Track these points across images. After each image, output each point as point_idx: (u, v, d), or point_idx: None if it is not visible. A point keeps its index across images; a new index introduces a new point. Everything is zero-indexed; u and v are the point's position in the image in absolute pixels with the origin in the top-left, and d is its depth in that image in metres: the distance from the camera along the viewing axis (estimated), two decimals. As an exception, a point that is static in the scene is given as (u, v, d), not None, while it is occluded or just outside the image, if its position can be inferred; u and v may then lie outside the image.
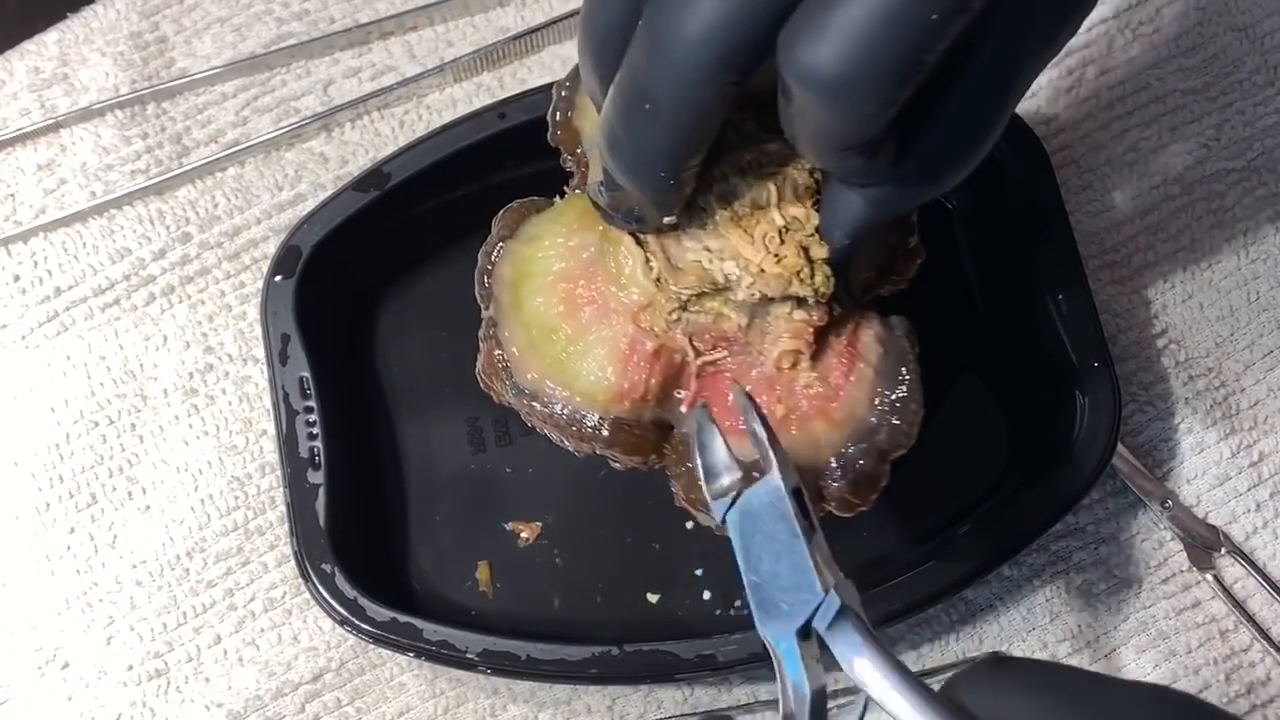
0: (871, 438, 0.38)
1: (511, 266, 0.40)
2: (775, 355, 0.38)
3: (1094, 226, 0.54)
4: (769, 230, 0.36)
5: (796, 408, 0.38)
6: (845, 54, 0.26)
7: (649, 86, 0.29)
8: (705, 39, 0.28)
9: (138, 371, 0.52)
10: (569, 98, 0.41)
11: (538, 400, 0.39)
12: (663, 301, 0.38)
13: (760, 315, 0.38)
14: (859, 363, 0.39)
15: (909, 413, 0.38)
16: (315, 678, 0.49)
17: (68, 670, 0.49)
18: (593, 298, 0.39)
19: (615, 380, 0.38)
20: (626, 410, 0.39)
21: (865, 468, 0.38)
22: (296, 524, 0.47)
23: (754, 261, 0.36)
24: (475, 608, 0.50)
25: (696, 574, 0.50)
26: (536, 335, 0.39)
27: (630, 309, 0.38)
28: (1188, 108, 0.56)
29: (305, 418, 0.48)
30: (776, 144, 0.36)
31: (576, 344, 0.39)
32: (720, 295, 0.37)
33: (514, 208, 0.42)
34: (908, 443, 0.39)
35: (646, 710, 0.49)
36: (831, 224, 0.35)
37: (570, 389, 0.39)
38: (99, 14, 0.56)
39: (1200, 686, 0.49)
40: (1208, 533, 0.51)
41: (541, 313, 0.39)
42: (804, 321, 0.37)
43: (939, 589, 0.47)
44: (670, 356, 0.38)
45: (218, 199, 0.54)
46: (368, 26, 0.56)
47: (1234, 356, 0.53)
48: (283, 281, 0.49)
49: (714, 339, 0.39)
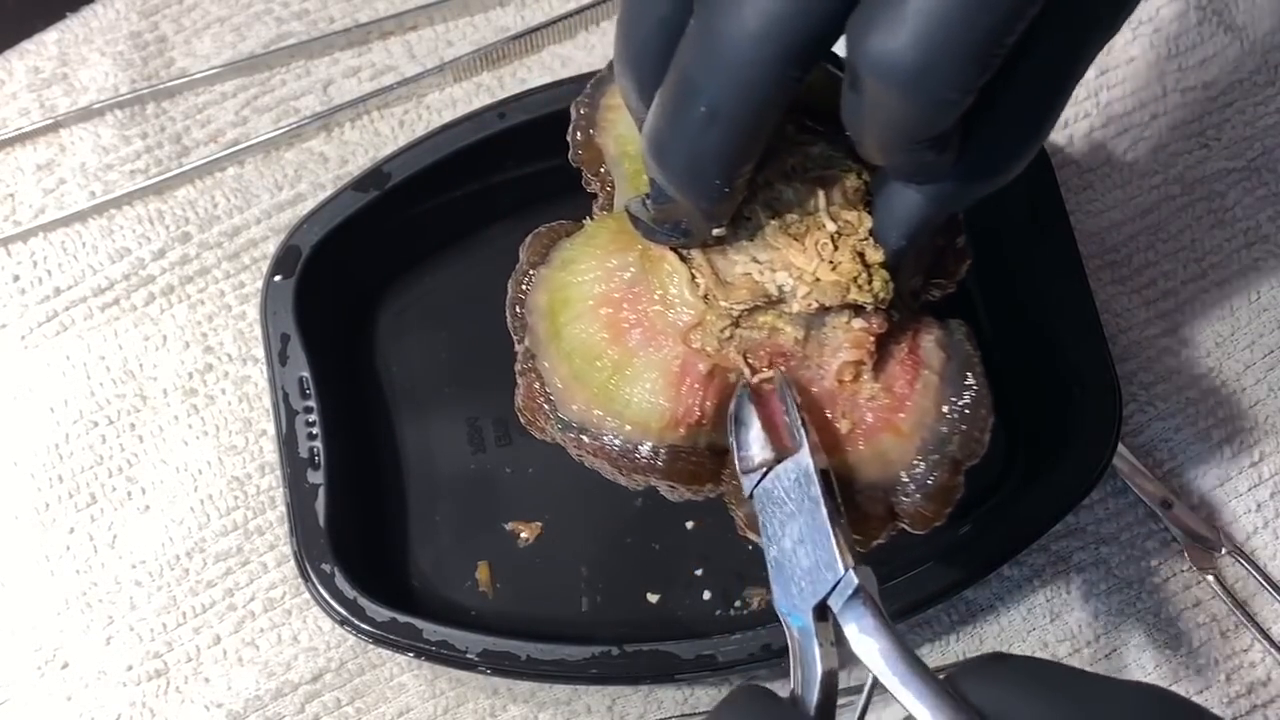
0: (943, 448, 0.36)
1: (547, 294, 0.38)
2: (835, 368, 0.36)
3: (1094, 226, 0.54)
4: (821, 237, 0.34)
5: (861, 421, 0.36)
6: (923, 39, 0.25)
7: (705, 86, 0.28)
8: (766, 32, 0.26)
9: (137, 371, 0.52)
10: (589, 115, 0.39)
11: (586, 433, 0.37)
12: (713, 319, 0.35)
13: (817, 327, 0.36)
14: (923, 370, 0.36)
15: (979, 419, 0.36)
16: (315, 678, 0.49)
17: (67, 670, 0.49)
18: (638, 320, 0.36)
19: (669, 405, 0.36)
20: (682, 437, 0.36)
21: (940, 480, 0.36)
22: (296, 524, 0.47)
23: (808, 270, 0.34)
24: (475, 608, 0.50)
25: (696, 574, 0.50)
26: (580, 364, 0.37)
27: (679, 329, 0.36)
28: (1188, 107, 0.56)
29: (305, 418, 0.48)
30: (820, 146, 0.35)
31: (624, 370, 0.36)
32: (774, 308, 0.35)
33: (541, 233, 0.39)
34: (980, 450, 0.36)
35: (646, 710, 0.49)
36: (887, 225, 0.34)
37: (621, 418, 0.36)
38: (98, 14, 0.56)
39: (1201, 686, 0.49)
40: (1208, 533, 0.51)
41: (583, 340, 0.37)
42: (864, 330, 0.35)
43: (939, 589, 0.47)
44: (724, 376, 0.36)
45: (217, 199, 0.54)
46: (367, 26, 0.56)
47: (1234, 356, 0.53)
48: (282, 281, 0.49)
49: (770, 355, 0.36)
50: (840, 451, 0.36)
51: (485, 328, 0.52)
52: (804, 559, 0.33)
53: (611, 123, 0.39)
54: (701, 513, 0.50)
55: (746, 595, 0.50)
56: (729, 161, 0.30)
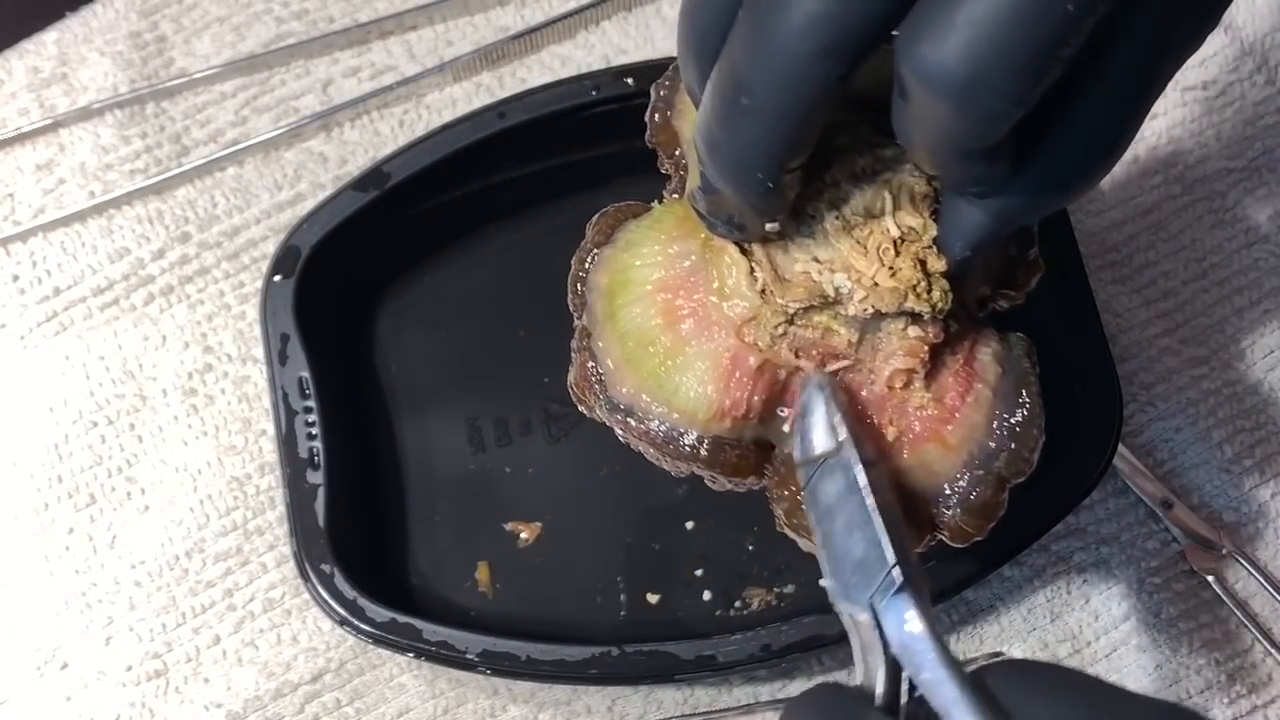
0: (990, 464, 0.36)
1: (608, 274, 0.38)
2: (887, 374, 0.36)
3: (1094, 226, 0.54)
4: (883, 241, 0.34)
5: (909, 430, 0.36)
6: (974, 50, 0.24)
7: (747, 79, 0.28)
8: (810, 29, 0.26)
9: (137, 372, 0.52)
10: (668, 97, 0.39)
11: (633, 416, 0.37)
12: (768, 315, 0.35)
13: (872, 331, 0.35)
14: (976, 383, 0.36)
15: (1030, 438, 0.36)
16: (315, 678, 0.49)
17: (66, 671, 0.49)
18: (693, 309, 0.36)
19: (716, 397, 0.36)
20: (727, 429, 0.36)
21: (982, 496, 0.36)
22: (296, 524, 0.47)
23: (867, 274, 0.34)
24: (475, 608, 0.50)
25: (696, 574, 0.50)
26: (633, 348, 0.37)
27: (733, 322, 0.36)
28: (1188, 107, 0.56)
29: (304, 418, 0.48)
30: (891, 149, 0.34)
31: (675, 358, 0.36)
32: (830, 309, 0.35)
33: (609, 213, 0.39)
34: (1028, 469, 0.36)
35: (646, 710, 0.49)
36: (952, 236, 0.33)
37: (668, 405, 0.36)
38: (98, 13, 0.56)
39: (1202, 687, 0.49)
40: (1209, 533, 0.51)
41: (639, 324, 0.37)
42: (919, 339, 0.35)
43: (939, 589, 0.47)
44: (774, 373, 0.36)
45: (217, 199, 0.54)
46: (367, 26, 0.56)
47: (1234, 356, 0.53)
48: (282, 281, 0.49)
49: (822, 355, 0.36)
50: (885, 458, 0.36)
51: (485, 328, 0.53)
52: (856, 550, 0.33)
53: (689, 106, 0.38)
54: (702, 513, 0.50)
55: (746, 595, 0.50)
56: (772, 157, 0.29)
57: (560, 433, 0.51)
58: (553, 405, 0.52)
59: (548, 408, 0.52)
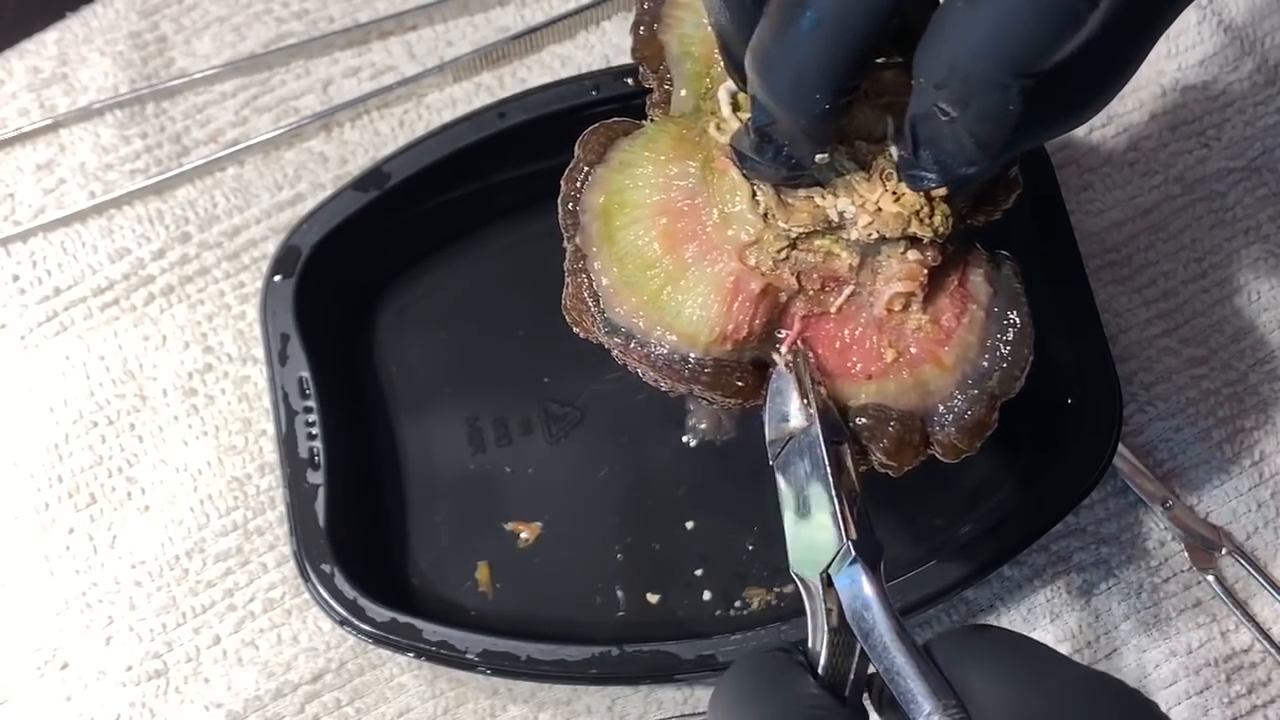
0: (983, 383, 0.37)
1: (603, 195, 0.38)
2: (887, 297, 0.36)
3: (1094, 226, 0.54)
4: (886, 165, 0.34)
5: (906, 351, 0.37)
6: None
7: None
8: None
9: (137, 372, 0.52)
10: (654, 9, 0.39)
11: (633, 339, 0.37)
12: (770, 239, 0.35)
13: (872, 255, 0.36)
14: (970, 304, 0.37)
15: (1020, 357, 0.37)
16: (315, 678, 0.49)
17: (67, 670, 0.49)
18: (694, 233, 0.37)
19: (719, 320, 0.36)
20: (728, 351, 0.37)
21: (976, 414, 0.37)
22: (296, 524, 0.47)
23: (870, 199, 0.34)
24: (475, 608, 0.50)
25: (696, 574, 0.50)
26: (632, 270, 0.37)
27: (736, 246, 0.36)
28: (1188, 107, 0.56)
29: (305, 418, 0.48)
30: (893, 72, 0.34)
31: (677, 280, 0.36)
32: (832, 234, 0.35)
33: (598, 129, 0.39)
34: (1017, 387, 0.37)
35: (646, 710, 0.49)
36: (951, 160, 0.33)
37: (669, 328, 0.36)
38: (98, 14, 0.56)
39: (1201, 686, 0.49)
40: (1209, 533, 0.51)
41: (638, 247, 0.37)
42: (918, 262, 0.35)
43: (939, 589, 0.47)
44: (775, 296, 0.36)
45: (217, 199, 0.54)
46: (367, 26, 0.56)
47: (1234, 356, 0.53)
48: (282, 281, 0.49)
49: (822, 279, 0.36)
50: (882, 379, 0.37)
51: (485, 327, 0.53)
52: (816, 522, 0.34)
53: (678, 20, 0.38)
54: (702, 513, 0.50)
55: (746, 595, 0.50)
56: (834, 74, 0.29)
57: (560, 433, 0.52)
58: (553, 405, 0.52)
59: (548, 408, 0.52)
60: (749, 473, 0.49)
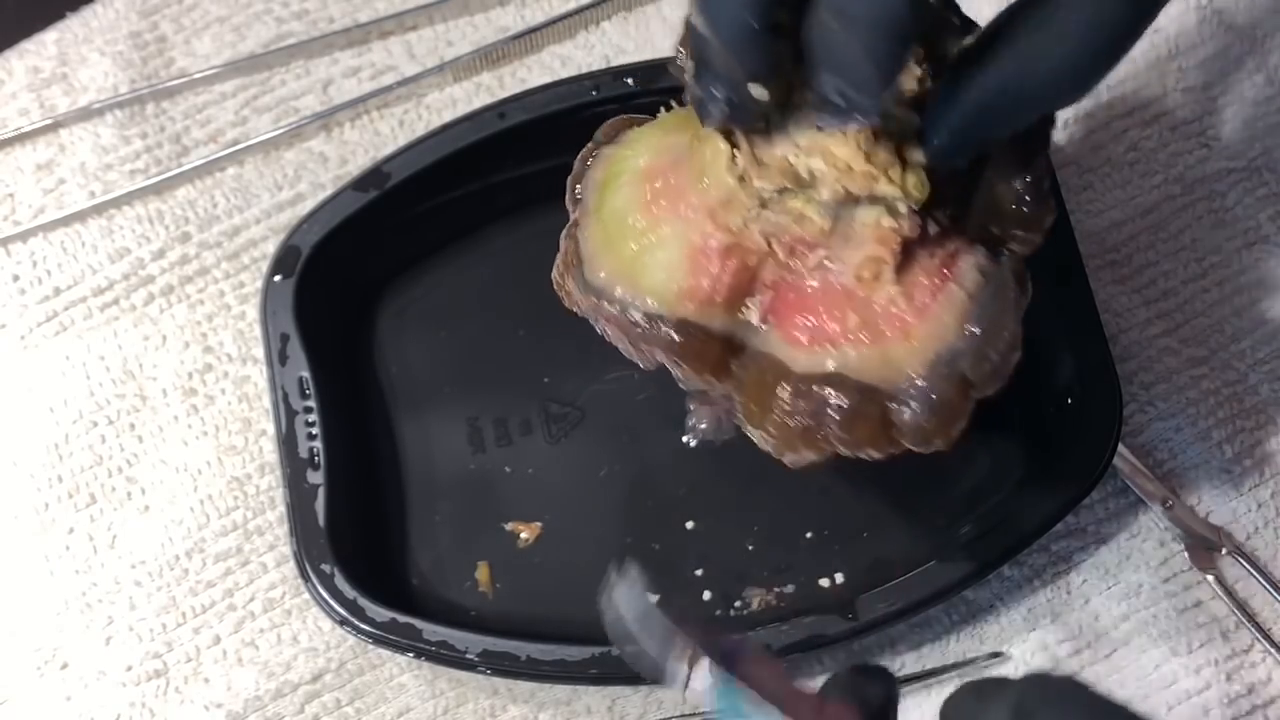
0: (953, 364, 0.36)
1: (604, 169, 0.39)
2: (856, 262, 0.36)
3: (1094, 226, 0.54)
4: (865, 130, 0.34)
5: (871, 321, 0.36)
6: None
7: None
8: None
9: (137, 371, 0.52)
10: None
11: (605, 298, 0.37)
12: (743, 198, 0.36)
13: (846, 219, 0.35)
14: (950, 284, 0.36)
15: (1001, 342, 0.36)
16: (315, 678, 0.49)
17: (66, 670, 0.49)
18: (674, 196, 0.37)
19: (684, 277, 0.36)
20: (693, 312, 0.37)
21: (945, 395, 0.35)
22: (296, 524, 0.47)
23: (841, 157, 0.34)
24: (475, 608, 0.50)
25: (696, 574, 0.50)
26: (612, 231, 0.37)
27: (708, 205, 0.36)
28: (1188, 107, 0.56)
29: (305, 418, 0.48)
30: None
31: (648, 235, 0.37)
32: (804, 194, 0.35)
33: (620, 118, 0.40)
34: (996, 379, 0.36)
35: (646, 710, 0.49)
36: (937, 124, 0.33)
37: (637, 287, 0.37)
38: (98, 14, 0.56)
39: (1201, 686, 0.49)
40: (1209, 533, 0.51)
41: (619, 207, 0.38)
42: (891, 229, 0.35)
43: (939, 589, 0.47)
44: (745, 258, 0.36)
45: (217, 199, 0.54)
46: (367, 26, 0.56)
47: (1234, 356, 0.53)
48: (282, 281, 0.49)
49: (793, 242, 0.36)
50: (843, 347, 0.36)
51: (485, 328, 0.53)
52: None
53: None
54: (702, 513, 0.50)
55: (746, 595, 0.50)
56: None
57: (560, 433, 0.52)
58: (553, 405, 0.52)
59: (548, 408, 0.52)
60: (749, 473, 0.49)
